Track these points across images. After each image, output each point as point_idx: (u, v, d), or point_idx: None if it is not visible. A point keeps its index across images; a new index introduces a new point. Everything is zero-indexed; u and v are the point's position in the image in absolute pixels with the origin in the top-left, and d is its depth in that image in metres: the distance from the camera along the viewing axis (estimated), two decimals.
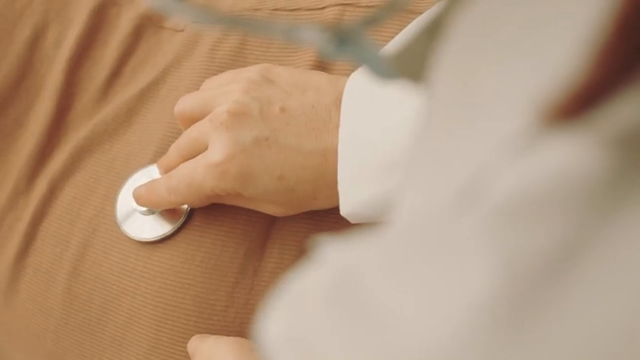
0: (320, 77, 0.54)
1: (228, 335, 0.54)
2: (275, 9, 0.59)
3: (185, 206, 0.56)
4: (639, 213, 0.19)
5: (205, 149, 0.52)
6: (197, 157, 0.53)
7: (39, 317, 0.57)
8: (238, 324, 0.54)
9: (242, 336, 0.54)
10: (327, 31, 0.27)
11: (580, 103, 0.19)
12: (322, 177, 0.51)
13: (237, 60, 0.58)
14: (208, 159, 0.51)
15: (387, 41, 0.51)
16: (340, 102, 0.52)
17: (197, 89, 0.58)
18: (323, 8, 0.58)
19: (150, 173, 0.57)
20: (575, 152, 0.19)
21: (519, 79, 0.21)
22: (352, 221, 0.52)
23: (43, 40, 0.61)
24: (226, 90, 0.53)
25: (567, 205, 0.19)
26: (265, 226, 0.56)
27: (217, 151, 0.51)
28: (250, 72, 0.54)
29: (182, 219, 0.56)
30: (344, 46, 0.28)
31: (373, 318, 0.23)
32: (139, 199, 0.56)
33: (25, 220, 0.58)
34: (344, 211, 0.51)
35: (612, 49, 0.18)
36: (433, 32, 0.28)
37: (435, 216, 0.23)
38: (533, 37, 0.21)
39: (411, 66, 0.30)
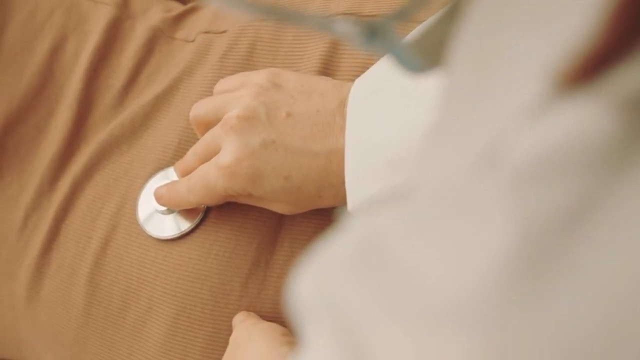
0: (325, 82, 0.57)
1: None
2: None
3: (203, 205, 0.60)
4: None
5: (219, 152, 0.56)
6: (210, 160, 0.56)
7: (62, 308, 0.60)
8: (251, 312, 0.58)
9: None
10: (359, 25, 0.29)
11: (591, 68, 0.20)
12: (326, 177, 0.54)
13: (246, 67, 0.62)
14: (219, 162, 0.54)
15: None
16: (344, 107, 0.55)
17: (209, 94, 0.61)
18: (327, 17, 0.62)
19: (167, 175, 0.61)
20: (586, 116, 0.20)
21: (533, 49, 0.22)
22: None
23: (62, 52, 0.65)
24: (237, 96, 0.56)
25: (580, 165, 0.20)
26: (275, 222, 0.59)
27: (227, 154, 0.54)
28: (260, 77, 0.57)
29: (199, 217, 0.59)
30: (374, 39, 0.30)
31: (397, 276, 0.24)
32: (160, 198, 0.59)
33: (49, 218, 0.61)
34: (351, 208, 0.54)
35: (622, 14, 0.19)
36: (451, 16, 0.30)
37: (457, 180, 0.24)
38: (545, 9, 0.22)
39: (431, 51, 0.32)
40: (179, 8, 0.69)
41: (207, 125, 0.58)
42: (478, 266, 0.21)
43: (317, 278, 0.29)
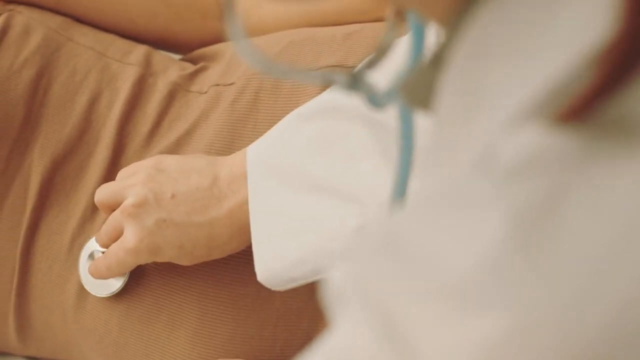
0: (200, 160, 0.70)
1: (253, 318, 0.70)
2: None
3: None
4: (601, 170, 0.25)
5: (123, 232, 0.68)
6: (117, 242, 0.68)
7: (105, 315, 0.72)
8: (259, 310, 0.71)
9: (263, 317, 0.71)
10: (344, 75, 0.36)
11: (580, 109, 0.25)
12: (211, 240, 0.68)
13: (252, 111, 0.75)
14: (124, 245, 0.67)
15: None
16: (218, 181, 0.68)
17: (222, 135, 0.74)
18: (316, 70, 0.76)
19: (90, 246, 0.72)
20: (545, 133, 0.25)
21: (513, 80, 0.27)
22: (268, 285, 0.67)
23: (98, 104, 0.77)
24: (130, 184, 0.68)
25: (548, 167, 0.25)
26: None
27: (130, 238, 0.67)
28: (147, 164, 0.70)
29: (125, 279, 0.71)
30: (355, 85, 0.36)
31: (415, 260, 0.29)
32: (92, 274, 0.71)
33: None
34: (259, 273, 0.66)
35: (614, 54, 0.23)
36: (437, 63, 0.34)
37: (458, 181, 0.28)
38: (526, 51, 0.27)
39: (419, 95, 0.36)
40: (192, 67, 0.82)
41: (110, 207, 0.70)
42: (482, 245, 0.26)
43: (346, 267, 0.33)
